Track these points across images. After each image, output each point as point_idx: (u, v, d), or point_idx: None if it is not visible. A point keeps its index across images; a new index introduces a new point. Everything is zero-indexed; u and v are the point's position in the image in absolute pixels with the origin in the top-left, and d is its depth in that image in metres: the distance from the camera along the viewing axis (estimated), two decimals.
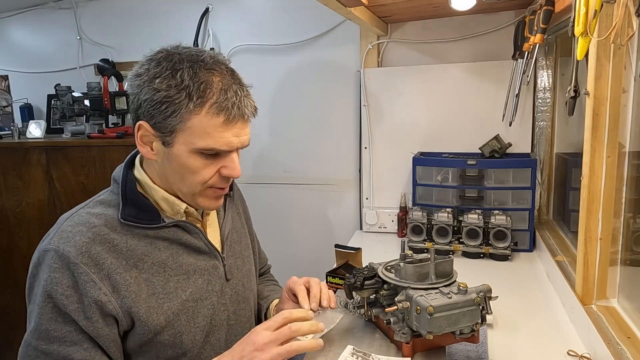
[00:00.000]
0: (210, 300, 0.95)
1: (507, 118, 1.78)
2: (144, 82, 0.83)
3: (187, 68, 0.82)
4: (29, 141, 2.36)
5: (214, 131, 0.82)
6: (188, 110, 0.81)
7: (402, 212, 2.01)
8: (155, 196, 0.91)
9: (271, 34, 2.24)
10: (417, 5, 1.70)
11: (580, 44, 0.94)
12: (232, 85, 0.84)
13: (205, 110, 0.82)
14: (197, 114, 0.81)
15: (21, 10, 2.68)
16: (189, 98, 0.81)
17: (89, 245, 0.82)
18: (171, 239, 0.91)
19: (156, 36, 2.44)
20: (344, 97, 2.17)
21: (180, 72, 0.82)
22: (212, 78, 0.83)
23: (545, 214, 1.92)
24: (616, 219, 1.11)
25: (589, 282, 1.15)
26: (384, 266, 1.04)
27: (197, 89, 0.81)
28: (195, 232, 0.94)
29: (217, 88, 0.83)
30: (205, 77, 0.82)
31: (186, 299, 0.91)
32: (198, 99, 0.81)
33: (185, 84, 0.81)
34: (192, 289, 0.92)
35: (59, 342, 0.80)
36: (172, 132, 0.83)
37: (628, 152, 1.09)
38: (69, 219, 0.86)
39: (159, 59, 0.85)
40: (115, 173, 0.94)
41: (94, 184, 2.23)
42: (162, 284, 0.88)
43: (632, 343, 0.95)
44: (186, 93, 0.81)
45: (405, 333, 0.92)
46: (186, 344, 0.91)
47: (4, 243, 2.43)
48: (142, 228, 0.88)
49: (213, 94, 0.82)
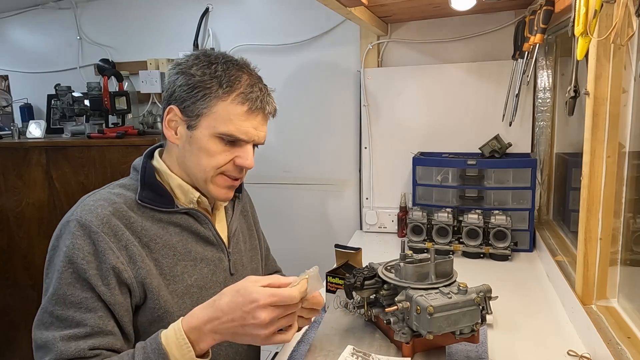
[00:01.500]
0: (214, 291, 0.97)
1: (507, 118, 1.78)
2: (182, 70, 0.93)
3: (222, 63, 0.92)
4: (29, 141, 2.36)
5: (236, 118, 0.91)
6: (217, 95, 0.90)
7: (402, 212, 2.01)
8: (172, 183, 0.97)
9: (271, 34, 2.24)
10: (417, 5, 1.70)
11: (580, 44, 0.94)
12: (258, 83, 0.95)
13: (231, 98, 0.91)
14: (224, 101, 0.90)
15: (21, 10, 2.68)
16: (219, 85, 0.90)
17: (109, 217, 0.87)
18: (182, 225, 0.96)
19: (156, 36, 2.44)
20: (344, 97, 2.17)
21: (215, 65, 0.92)
22: (242, 74, 0.93)
23: (545, 214, 1.92)
24: (616, 219, 1.11)
25: (589, 282, 1.15)
26: (384, 266, 1.04)
27: (227, 79, 0.91)
28: (205, 221, 0.99)
29: (245, 82, 0.92)
30: (235, 72, 0.92)
31: (191, 284, 0.95)
32: (227, 87, 0.90)
33: (218, 74, 0.91)
34: (197, 276, 0.97)
35: (75, 308, 0.83)
36: (198, 116, 0.91)
37: (628, 152, 1.09)
38: (91, 195, 0.93)
39: (197, 54, 0.95)
40: (135, 162, 1.01)
41: (94, 184, 2.22)
42: (170, 266, 0.93)
43: (632, 343, 0.95)
44: (217, 81, 0.90)
45: (405, 333, 0.92)
46: None
47: (4, 243, 2.43)
48: (156, 211, 0.94)
49: (241, 85, 0.92)
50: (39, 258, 2.38)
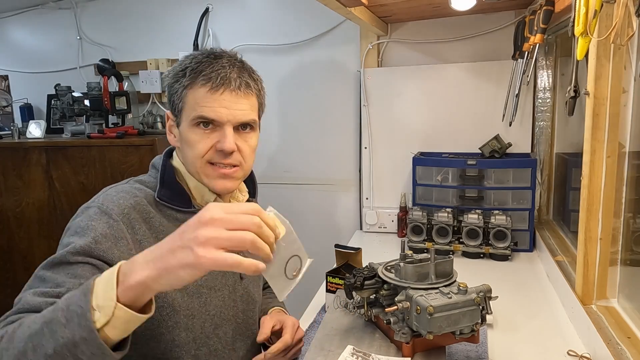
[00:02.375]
0: (222, 293, 0.98)
1: (507, 118, 1.78)
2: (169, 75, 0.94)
3: (198, 56, 0.91)
4: (29, 141, 2.36)
5: (202, 100, 0.89)
6: (185, 85, 0.90)
7: (402, 212, 2.01)
8: (190, 184, 0.97)
9: (271, 34, 2.24)
10: (417, 5, 1.70)
11: (580, 44, 0.94)
12: (225, 64, 0.90)
13: (197, 85, 0.89)
14: (191, 89, 0.90)
15: (21, 10, 2.68)
16: (184, 74, 0.90)
17: (130, 210, 0.87)
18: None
19: (156, 36, 2.44)
20: (344, 97, 2.17)
21: (190, 59, 0.92)
22: (213, 60, 0.91)
23: (545, 214, 1.92)
24: (616, 219, 1.11)
25: (589, 282, 1.14)
26: (384, 266, 1.04)
27: (193, 68, 0.90)
28: None
29: (210, 65, 0.90)
30: (205, 60, 0.90)
31: (201, 285, 0.94)
32: (191, 73, 0.90)
33: (186, 65, 0.91)
34: (207, 277, 0.96)
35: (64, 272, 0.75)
36: (180, 112, 0.92)
37: (628, 152, 1.09)
38: (113, 187, 0.93)
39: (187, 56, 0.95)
40: (155, 160, 1.01)
41: (94, 184, 2.23)
42: None
43: (632, 343, 0.95)
44: (183, 72, 0.90)
45: (405, 333, 0.92)
46: (197, 328, 0.93)
47: (4, 243, 2.43)
48: (174, 210, 0.94)
49: (204, 68, 0.89)
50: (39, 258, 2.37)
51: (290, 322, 1.05)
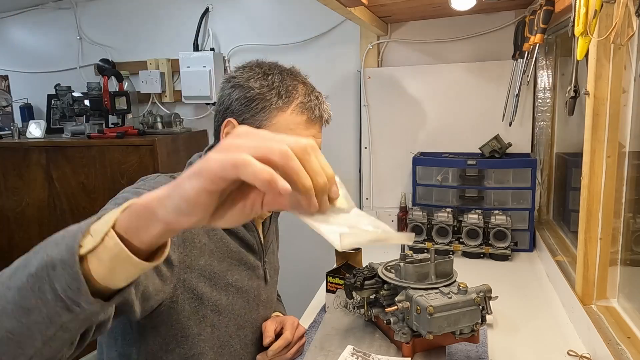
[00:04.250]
0: (248, 295, 0.99)
1: (507, 118, 1.78)
2: (238, 83, 0.93)
3: (277, 74, 0.93)
4: (29, 141, 2.36)
5: (297, 128, 0.92)
6: (277, 107, 0.91)
7: (402, 212, 2.01)
8: None
9: (271, 34, 2.24)
10: (417, 5, 1.70)
11: (580, 44, 0.94)
12: (314, 91, 0.97)
13: (291, 109, 0.92)
14: (284, 112, 0.91)
15: (21, 10, 2.67)
16: (278, 96, 0.91)
17: None
18: (229, 229, 0.96)
19: (156, 36, 2.44)
20: (344, 97, 2.17)
21: (271, 76, 0.93)
22: (297, 84, 0.95)
23: (545, 214, 1.92)
24: (616, 219, 1.11)
25: (589, 282, 1.14)
26: (384, 266, 1.04)
27: (285, 90, 0.92)
28: (252, 229, 1.00)
29: (302, 91, 0.94)
30: (292, 82, 0.94)
31: (231, 283, 0.95)
32: (286, 98, 0.91)
33: (276, 85, 0.92)
34: (238, 277, 0.97)
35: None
36: (258, 128, 0.89)
37: (628, 152, 1.09)
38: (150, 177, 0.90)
39: (251, 65, 0.96)
40: (193, 158, 1.01)
41: (94, 184, 2.23)
42: (219, 260, 0.92)
43: (632, 343, 0.95)
44: (276, 92, 0.91)
45: (405, 333, 0.92)
46: (222, 326, 0.93)
47: (4, 243, 2.43)
48: None
49: (299, 95, 0.93)
50: None
51: (289, 320, 1.06)
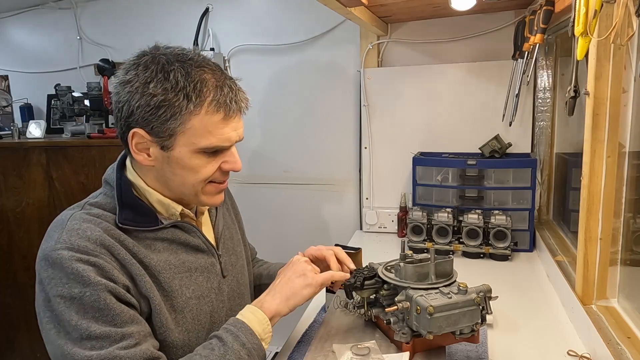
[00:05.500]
0: (210, 298, 0.96)
1: (507, 118, 1.78)
2: (136, 89, 0.81)
3: (179, 68, 0.81)
4: (29, 141, 2.36)
5: (215, 128, 0.83)
6: (188, 111, 0.81)
7: (402, 212, 2.01)
8: (150, 199, 0.91)
9: (271, 34, 2.24)
10: (417, 5, 1.70)
11: (580, 44, 0.94)
12: (225, 81, 0.85)
13: (204, 110, 0.82)
14: (197, 115, 0.81)
15: (21, 10, 2.68)
16: (187, 99, 0.80)
17: (102, 237, 0.81)
18: (170, 239, 0.91)
19: (156, 36, 2.41)
20: (344, 97, 2.17)
21: (172, 74, 0.81)
22: (205, 76, 0.83)
23: (545, 214, 1.92)
24: (616, 219, 1.11)
25: (589, 282, 1.15)
26: (384, 266, 1.04)
27: (193, 88, 0.80)
28: (193, 231, 0.95)
29: (213, 85, 0.83)
30: (198, 76, 0.82)
31: (189, 297, 0.92)
32: (196, 99, 0.81)
33: (181, 85, 0.80)
34: (194, 287, 0.93)
35: (110, 325, 0.76)
36: (171, 135, 0.82)
37: (628, 152, 1.09)
38: (70, 219, 0.83)
39: (145, 62, 0.83)
40: (108, 176, 0.92)
41: (94, 184, 2.22)
42: (168, 282, 0.88)
43: (632, 343, 0.95)
44: (183, 94, 0.80)
45: (405, 333, 0.92)
46: (193, 342, 0.91)
47: (4, 243, 2.43)
48: (140, 231, 0.87)
49: (209, 91, 0.82)
50: None
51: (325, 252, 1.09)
